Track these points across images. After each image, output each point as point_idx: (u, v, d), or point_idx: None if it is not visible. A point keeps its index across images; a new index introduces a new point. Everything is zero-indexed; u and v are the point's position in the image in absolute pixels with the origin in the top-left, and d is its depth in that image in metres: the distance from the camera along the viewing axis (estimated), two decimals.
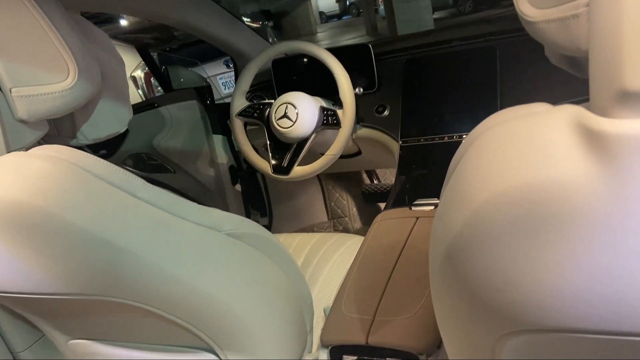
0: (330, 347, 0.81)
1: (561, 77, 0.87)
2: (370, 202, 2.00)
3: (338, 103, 1.31)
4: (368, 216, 2.03)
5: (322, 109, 1.31)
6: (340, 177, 2.02)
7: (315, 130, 1.30)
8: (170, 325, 0.71)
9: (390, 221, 1.04)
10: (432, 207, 1.04)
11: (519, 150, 0.37)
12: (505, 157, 0.38)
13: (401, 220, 1.03)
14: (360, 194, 2.00)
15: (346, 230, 2.00)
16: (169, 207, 0.64)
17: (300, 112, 1.27)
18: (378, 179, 2.05)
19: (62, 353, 0.87)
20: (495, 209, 0.38)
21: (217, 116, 1.77)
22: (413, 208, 1.06)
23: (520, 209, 0.37)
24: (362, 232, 1.14)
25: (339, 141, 1.29)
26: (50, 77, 0.62)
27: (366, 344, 0.76)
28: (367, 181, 2.05)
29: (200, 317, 0.69)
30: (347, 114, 1.28)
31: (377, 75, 1.36)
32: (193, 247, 0.65)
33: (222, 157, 1.80)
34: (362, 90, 1.35)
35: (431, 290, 0.55)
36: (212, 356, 0.77)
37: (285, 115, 1.27)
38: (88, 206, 0.57)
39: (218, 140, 1.79)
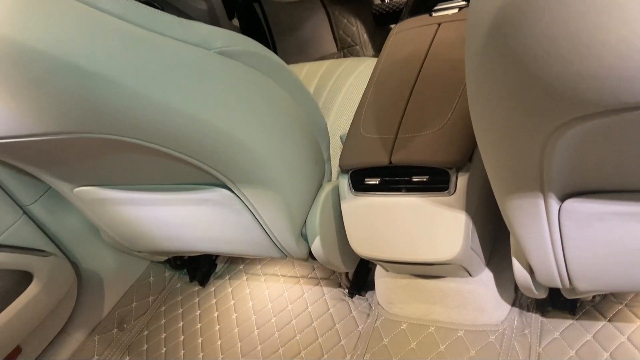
0: (350, 172, 0.75)
1: None
2: (383, 25, 1.82)
3: None
4: (381, 41, 1.86)
5: None
6: None
7: None
8: (176, 162, 0.64)
9: (408, 32, 0.91)
10: (457, 10, 0.89)
11: None
12: None
13: (421, 29, 0.89)
14: (370, 17, 1.81)
15: None
16: (142, 21, 0.53)
17: None
18: None
19: (70, 201, 0.83)
20: None
21: None
22: (434, 14, 0.92)
23: None
24: (376, 58, 1.02)
25: None
26: None
27: (389, 163, 0.70)
28: (378, 1, 1.84)
29: (201, 149, 0.61)
30: None
31: None
32: (178, 69, 0.55)
33: None
34: None
35: (467, 86, 0.45)
36: (225, 191, 0.72)
37: None
38: (43, 25, 0.47)
39: None
